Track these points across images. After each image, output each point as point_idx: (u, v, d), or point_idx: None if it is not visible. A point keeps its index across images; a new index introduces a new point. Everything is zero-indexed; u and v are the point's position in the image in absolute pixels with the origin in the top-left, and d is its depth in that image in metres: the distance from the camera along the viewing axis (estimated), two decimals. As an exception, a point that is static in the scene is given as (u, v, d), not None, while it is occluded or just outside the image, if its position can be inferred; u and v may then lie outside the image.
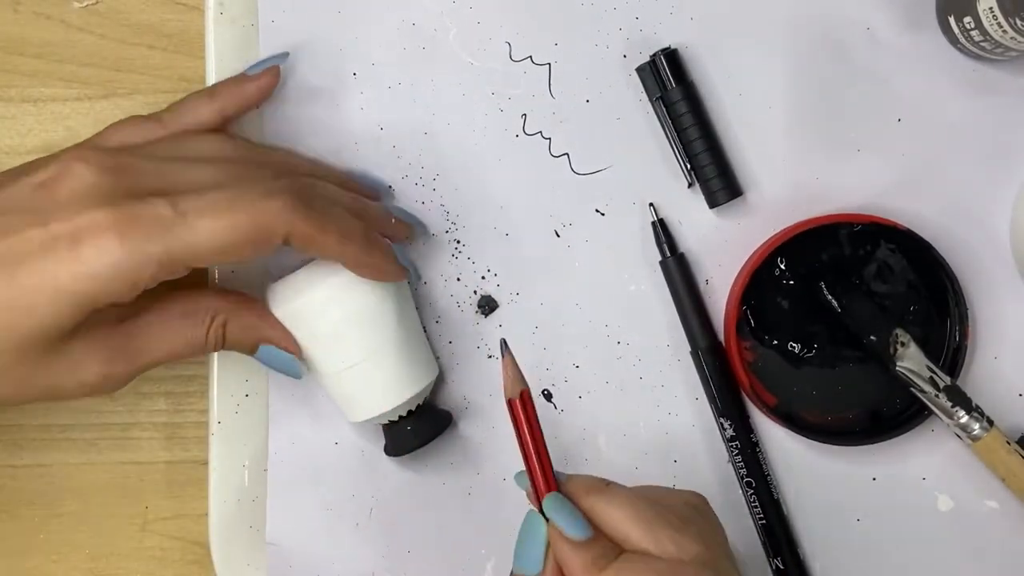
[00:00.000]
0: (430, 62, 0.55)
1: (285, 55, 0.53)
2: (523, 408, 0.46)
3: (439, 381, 0.55)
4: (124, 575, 0.58)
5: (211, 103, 0.51)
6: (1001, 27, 0.50)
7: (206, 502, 0.56)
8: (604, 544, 0.44)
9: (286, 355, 0.51)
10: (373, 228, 0.50)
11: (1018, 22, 0.48)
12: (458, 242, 0.55)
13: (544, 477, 0.46)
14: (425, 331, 0.55)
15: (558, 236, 0.55)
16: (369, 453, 0.55)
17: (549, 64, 0.55)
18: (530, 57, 0.55)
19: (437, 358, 0.55)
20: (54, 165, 0.45)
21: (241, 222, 0.45)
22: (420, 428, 0.53)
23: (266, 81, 0.52)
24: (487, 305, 0.55)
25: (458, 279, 0.55)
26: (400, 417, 0.53)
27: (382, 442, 0.55)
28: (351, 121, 0.55)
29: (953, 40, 0.54)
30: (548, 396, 0.55)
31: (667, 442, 0.55)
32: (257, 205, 0.45)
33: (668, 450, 0.55)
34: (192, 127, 0.51)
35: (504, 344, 0.47)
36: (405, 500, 0.55)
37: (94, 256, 0.43)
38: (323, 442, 0.55)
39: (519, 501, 0.47)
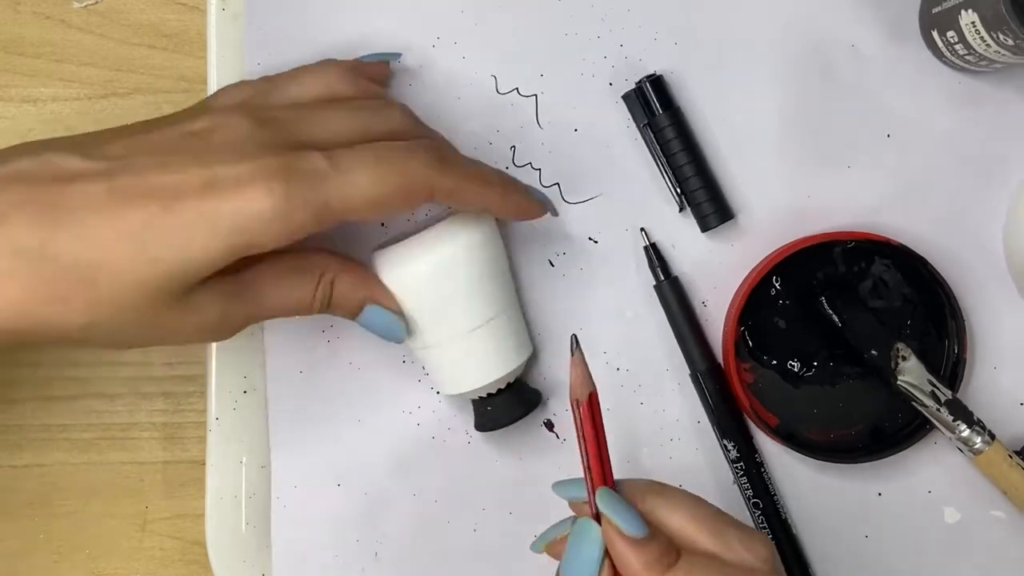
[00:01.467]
0: (416, 98, 0.55)
1: (398, 55, 0.54)
2: (590, 410, 0.45)
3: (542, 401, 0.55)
4: (124, 575, 0.58)
5: (341, 67, 0.51)
6: (984, 41, 0.50)
7: (205, 501, 0.55)
8: (665, 543, 0.43)
9: (392, 316, 0.51)
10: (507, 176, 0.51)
11: (1001, 36, 0.49)
12: (453, 276, 0.55)
13: (605, 482, 0.44)
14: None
15: (552, 265, 0.56)
16: (372, 495, 0.55)
17: (536, 95, 0.55)
18: (516, 89, 0.55)
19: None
20: (206, 116, 0.46)
21: (390, 177, 0.46)
22: (514, 403, 0.53)
23: (382, 67, 0.53)
24: (485, 338, 0.55)
25: (454, 313, 0.55)
26: (489, 394, 0.53)
27: (386, 482, 0.55)
28: (341, 161, 0.55)
29: (938, 54, 0.54)
30: (550, 426, 0.55)
31: (671, 467, 0.55)
32: (404, 161, 0.46)
33: (673, 475, 0.55)
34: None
35: (575, 341, 0.46)
36: (410, 541, 0.55)
37: (258, 199, 0.43)
38: (326, 484, 0.55)
39: (526, 537, 0.47)
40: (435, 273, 0.50)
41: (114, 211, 0.43)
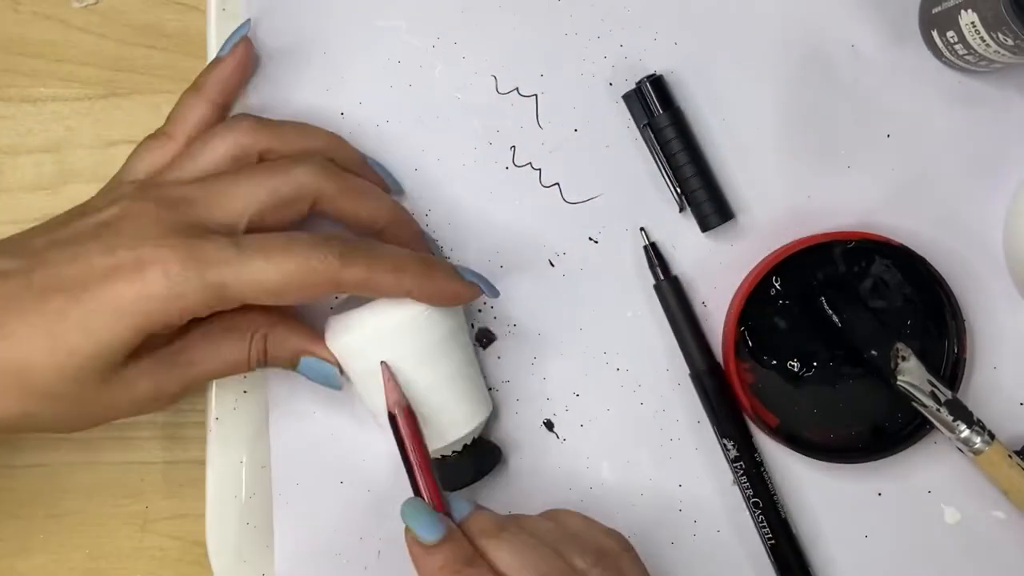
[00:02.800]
0: (417, 99, 0.55)
1: (247, 22, 0.54)
2: (408, 423, 0.48)
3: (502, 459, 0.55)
4: (124, 575, 0.58)
5: (200, 97, 0.53)
6: (984, 41, 0.50)
7: (205, 501, 0.56)
8: (460, 549, 0.45)
9: (328, 367, 0.51)
10: (433, 256, 0.51)
11: (1000, 36, 0.49)
12: (453, 276, 0.55)
13: (427, 490, 0.48)
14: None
15: (552, 266, 0.56)
16: (375, 492, 0.55)
17: (536, 95, 0.55)
18: (516, 89, 0.55)
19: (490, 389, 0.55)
20: (115, 206, 0.48)
21: (293, 268, 0.47)
22: (476, 462, 0.53)
23: (240, 54, 0.53)
24: (485, 337, 0.55)
25: (455, 313, 0.56)
26: (454, 452, 0.53)
27: (388, 480, 0.55)
28: (341, 161, 0.55)
29: (937, 54, 0.54)
30: (550, 426, 0.55)
31: (671, 468, 0.55)
32: (304, 254, 0.47)
33: (672, 476, 0.55)
34: (197, 129, 0.52)
35: (383, 363, 0.49)
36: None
37: (156, 281, 0.45)
38: (328, 482, 0.55)
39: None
40: (383, 340, 0.50)
41: (31, 306, 0.46)
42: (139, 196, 0.48)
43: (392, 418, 0.49)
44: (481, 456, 0.53)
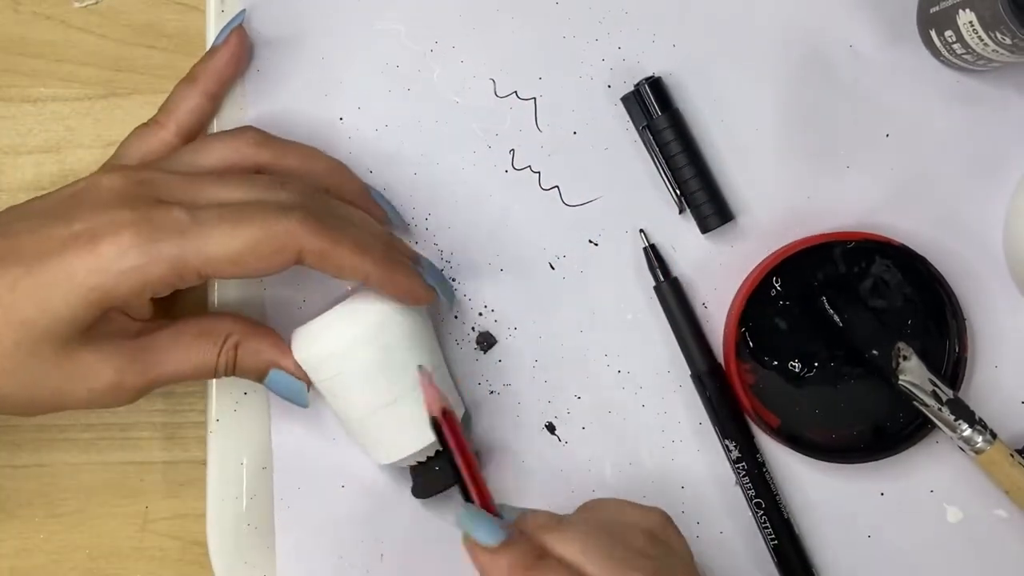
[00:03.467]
0: (416, 103, 0.55)
1: (242, 12, 0.54)
2: (450, 426, 0.47)
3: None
4: (124, 575, 0.58)
5: (194, 87, 0.53)
6: (982, 40, 0.50)
7: (205, 501, 0.55)
8: (522, 550, 0.44)
9: (296, 382, 0.51)
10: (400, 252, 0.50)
11: (998, 35, 0.49)
12: (453, 280, 0.55)
13: (478, 494, 0.46)
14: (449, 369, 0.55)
15: (553, 269, 0.56)
16: (376, 495, 0.55)
17: (534, 98, 0.55)
18: (515, 92, 0.55)
19: (462, 398, 0.55)
20: (84, 180, 0.47)
21: (253, 234, 0.46)
22: (448, 468, 0.52)
23: (235, 43, 0.53)
24: (485, 341, 0.55)
25: (455, 316, 0.56)
26: (428, 458, 0.52)
27: (390, 483, 0.55)
28: (340, 166, 0.55)
29: (936, 53, 0.54)
30: (551, 429, 0.55)
31: (673, 469, 0.55)
32: (270, 219, 0.46)
33: (675, 477, 0.55)
34: (188, 117, 0.52)
35: (420, 367, 0.48)
36: (415, 543, 0.55)
37: (110, 252, 0.45)
38: (329, 486, 0.55)
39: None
40: (352, 345, 0.50)
41: None
42: (111, 171, 0.48)
43: (436, 423, 0.47)
44: (453, 461, 0.53)
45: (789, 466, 0.55)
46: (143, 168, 0.49)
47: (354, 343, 0.50)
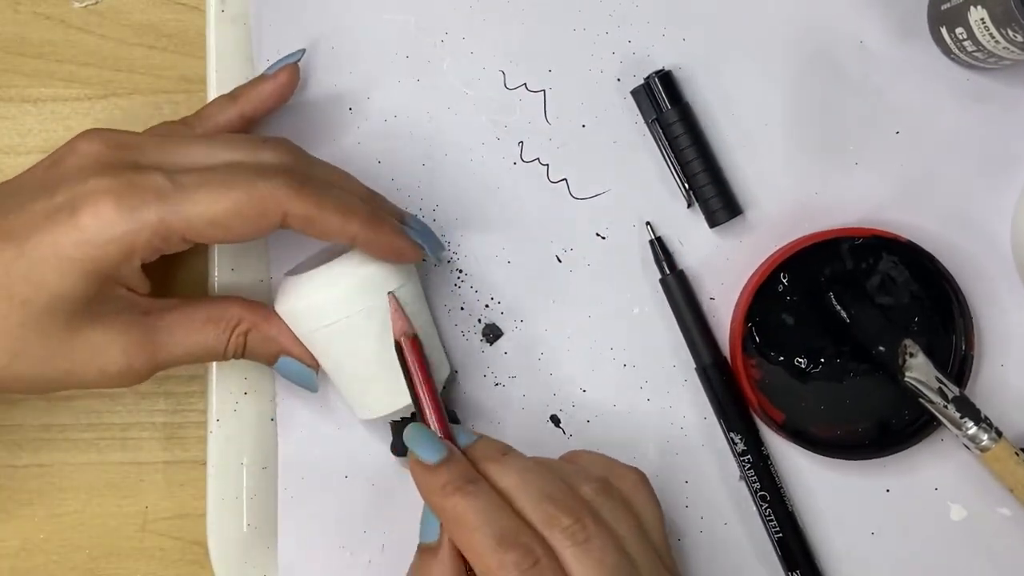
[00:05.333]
0: (425, 94, 0.55)
1: (301, 51, 0.54)
2: (414, 349, 0.48)
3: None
4: (124, 575, 0.58)
5: (233, 105, 0.52)
6: (993, 37, 0.50)
7: (205, 501, 0.56)
8: (459, 470, 0.45)
9: (305, 368, 0.52)
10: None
11: (1010, 32, 0.48)
12: (460, 271, 0.55)
13: (432, 416, 0.48)
14: (438, 330, 0.55)
15: (560, 261, 0.56)
16: (379, 487, 0.55)
17: (544, 91, 0.55)
18: (525, 84, 0.55)
19: (448, 358, 0.55)
20: (63, 146, 0.47)
21: (236, 197, 0.45)
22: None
23: (284, 78, 0.53)
24: (492, 333, 0.56)
25: (462, 308, 0.56)
26: (413, 414, 0.52)
27: (393, 474, 0.55)
28: (349, 156, 0.55)
29: (946, 50, 0.54)
30: (556, 421, 0.55)
31: (678, 463, 0.55)
32: (253, 182, 0.46)
33: (679, 471, 0.55)
34: (218, 128, 0.52)
35: (390, 294, 0.49)
36: (417, 533, 0.55)
37: (91, 221, 0.44)
38: (333, 476, 0.55)
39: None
40: (340, 300, 0.50)
41: None
42: (89, 135, 0.47)
43: (399, 348, 0.49)
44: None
45: (794, 462, 0.55)
46: (121, 131, 0.48)
47: (338, 300, 0.50)
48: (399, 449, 0.53)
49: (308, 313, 0.50)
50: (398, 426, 0.53)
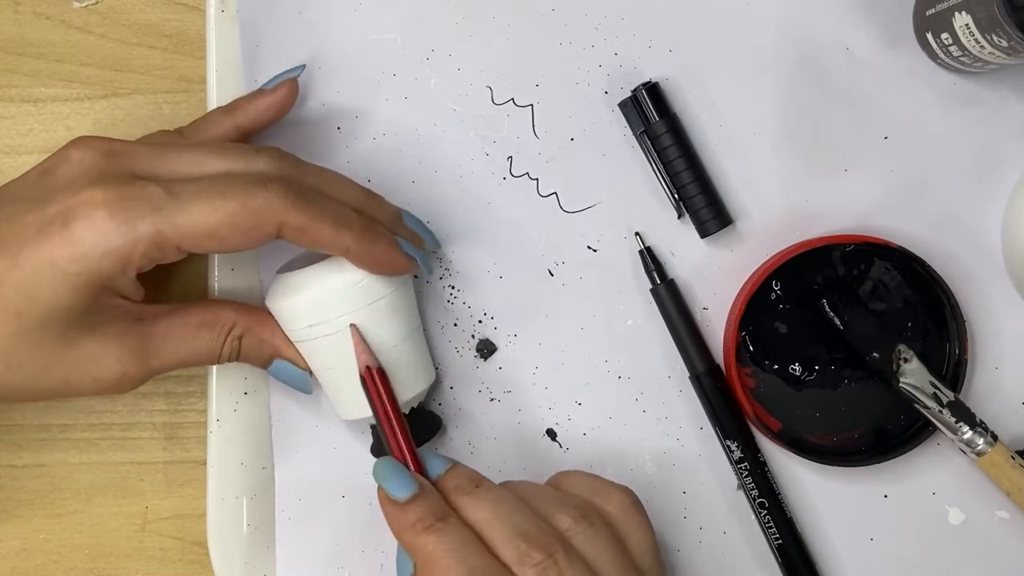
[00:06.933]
0: (413, 111, 0.55)
1: (301, 67, 0.54)
2: (375, 382, 0.48)
3: (441, 428, 0.55)
4: (124, 575, 0.58)
5: (229, 117, 0.52)
6: (979, 43, 0.50)
7: (206, 501, 0.56)
8: (430, 507, 0.45)
9: (299, 372, 0.52)
10: (379, 222, 0.50)
11: (994, 37, 0.49)
12: (453, 287, 0.55)
13: (400, 448, 0.48)
14: (425, 335, 0.55)
15: (552, 275, 0.56)
16: (377, 506, 0.54)
17: (532, 105, 0.55)
18: (512, 99, 0.55)
19: (436, 366, 0.55)
20: (55, 154, 0.47)
21: (232, 208, 0.45)
22: (414, 431, 0.51)
23: (282, 94, 0.53)
24: (485, 348, 0.55)
25: (455, 324, 0.56)
26: None
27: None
28: (338, 175, 0.55)
29: (932, 55, 0.54)
30: (552, 435, 0.55)
31: (675, 474, 0.55)
32: (248, 193, 0.46)
33: (676, 482, 0.55)
34: (212, 139, 0.52)
35: (352, 326, 0.49)
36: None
37: (85, 233, 0.44)
38: (330, 496, 0.55)
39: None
40: (328, 301, 0.50)
41: None
42: (81, 143, 0.47)
43: (363, 379, 0.49)
44: (419, 425, 0.53)
45: (791, 470, 0.55)
46: (114, 140, 0.48)
47: (327, 300, 0.50)
48: (379, 451, 0.53)
49: (296, 311, 0.50)
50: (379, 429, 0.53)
